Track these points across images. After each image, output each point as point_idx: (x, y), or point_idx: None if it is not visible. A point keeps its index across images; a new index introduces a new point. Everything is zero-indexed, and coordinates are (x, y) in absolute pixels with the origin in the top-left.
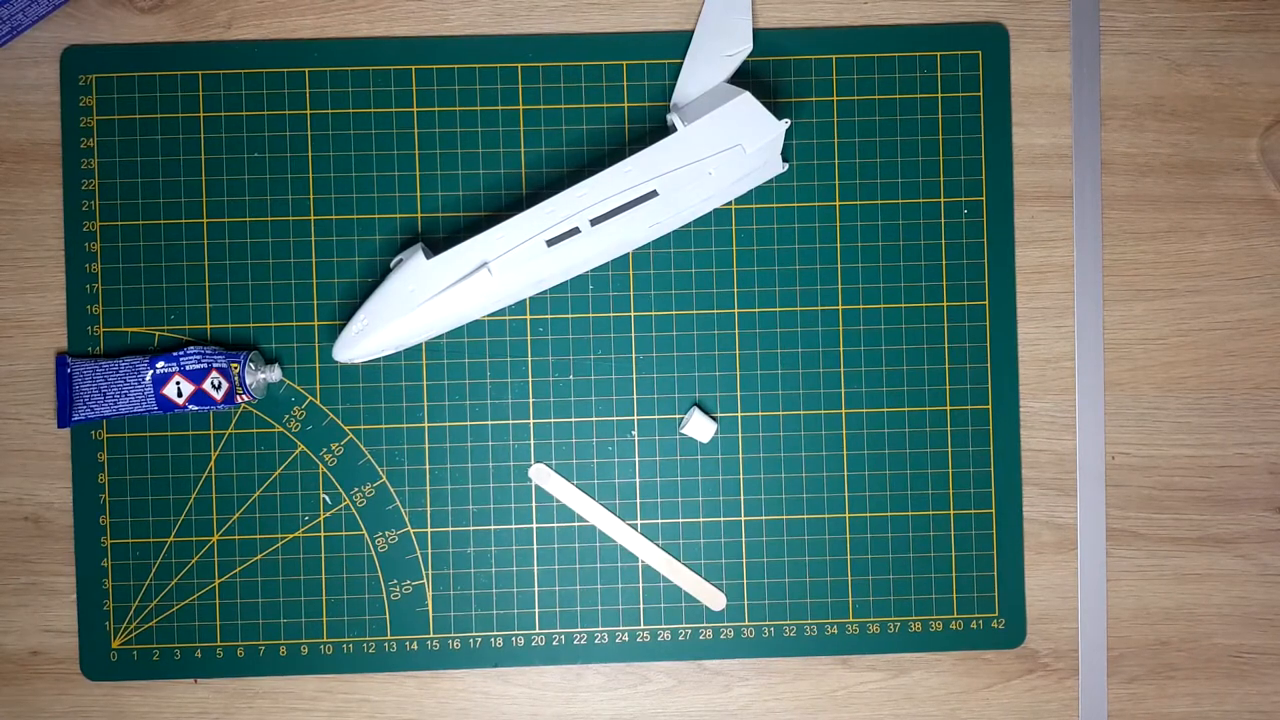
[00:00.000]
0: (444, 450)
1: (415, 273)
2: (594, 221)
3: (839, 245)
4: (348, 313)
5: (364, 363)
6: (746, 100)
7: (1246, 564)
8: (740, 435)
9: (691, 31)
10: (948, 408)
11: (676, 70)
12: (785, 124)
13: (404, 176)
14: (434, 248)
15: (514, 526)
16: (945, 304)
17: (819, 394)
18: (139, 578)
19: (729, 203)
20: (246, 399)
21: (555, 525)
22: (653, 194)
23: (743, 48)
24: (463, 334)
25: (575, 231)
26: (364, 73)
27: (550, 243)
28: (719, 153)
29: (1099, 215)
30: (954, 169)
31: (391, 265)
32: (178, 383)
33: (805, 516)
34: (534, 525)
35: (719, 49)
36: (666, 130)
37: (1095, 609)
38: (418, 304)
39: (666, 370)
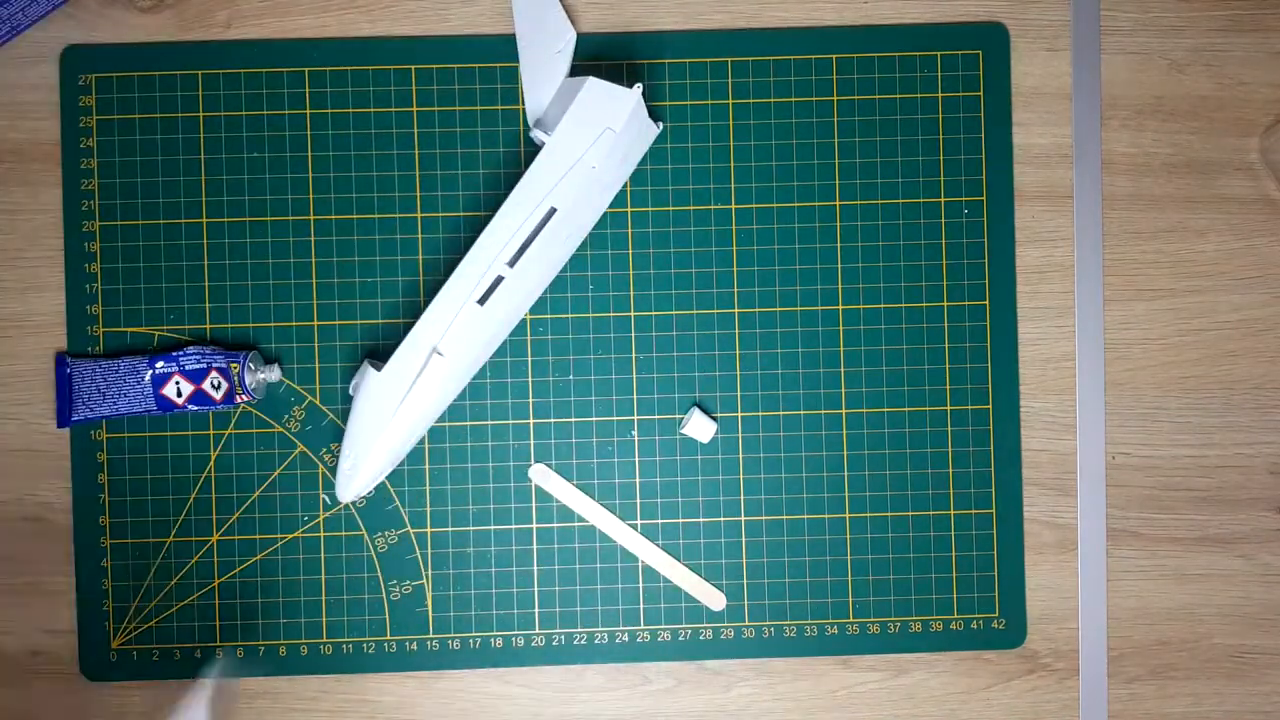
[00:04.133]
0: (444, 450)
1: (373, 391)
2: (511, 263)
3: (839, 245)
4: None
5: (373, 490)
6: (593, 84)
7: (1246, 564)
8: (740, 435)
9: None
10: (948, 408)
11: (676, 70)
12: (639, 89)
13: (404, 176)
14: (380, 355)
15: (514, 526)
16: (945, 304)
17: (819, 394)
18: (139, 578)
19: (727, 202)
20: (246, 399)
21: (555, 525)
22: (552, 211)
23: (567, 38)
24: None
25: (500, 280)
26: (364, 73)
27: (481, 300)
28: (593, 144)
29: (1099, 215)
30: (954, 169)
31: (351, 392)
32: (177, 383)
33: (805, 516)
34: (534, 525)
35: (546, 49)
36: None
37: (1095, 609)
38: (389, 419)
39: (666, 370)
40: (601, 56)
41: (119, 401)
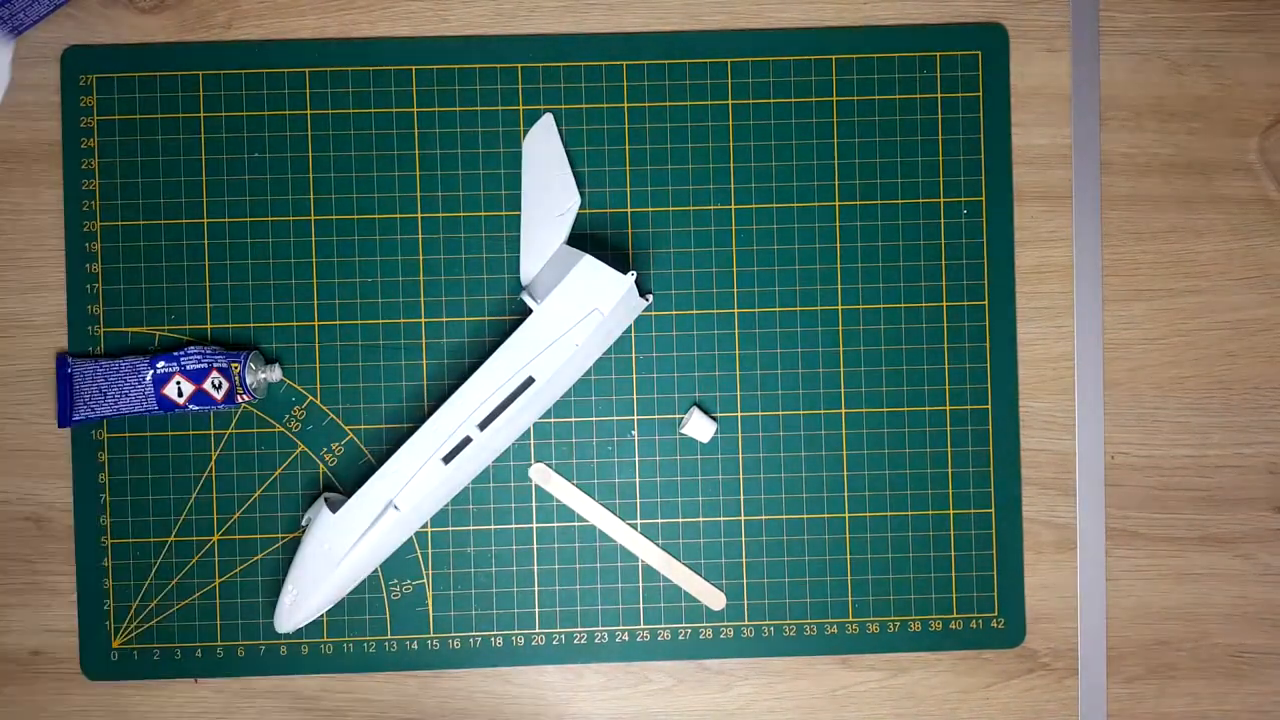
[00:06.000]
0: None
1: (326, 531)
2: (482, 425)
3: (839, 245)
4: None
5: (308, 622)
6: (588, 264)
7: (1246, 564)
8: (740, 435)
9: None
10: (948, 408)
11: (677, 70)
12: (632, 276)
13: (404, 177)
14: (342, 487)
15: (514, 526)
16: (945, 304)
17: (819, 394)
18: (139, 578)
19: (727, 203)
20: (247, 399)
21: (555, 525)
22: (530, 381)
23: (571, 204)
24: (462, 333)
25: (467, 441)
26: (364, 73)
27: (447, 459)
28: (579, 323)
29: (1098, 215)
30: (954, 169)
31: (302, 524)
32: (178, 382)
33: (805, 516)
34: (534, 525)
35: (549, 211)
36: (525, 312)
37: (1095, 609)
38: (337, 562)
39: (666, 370)
40: (603, 58)
41: (120, 401)
